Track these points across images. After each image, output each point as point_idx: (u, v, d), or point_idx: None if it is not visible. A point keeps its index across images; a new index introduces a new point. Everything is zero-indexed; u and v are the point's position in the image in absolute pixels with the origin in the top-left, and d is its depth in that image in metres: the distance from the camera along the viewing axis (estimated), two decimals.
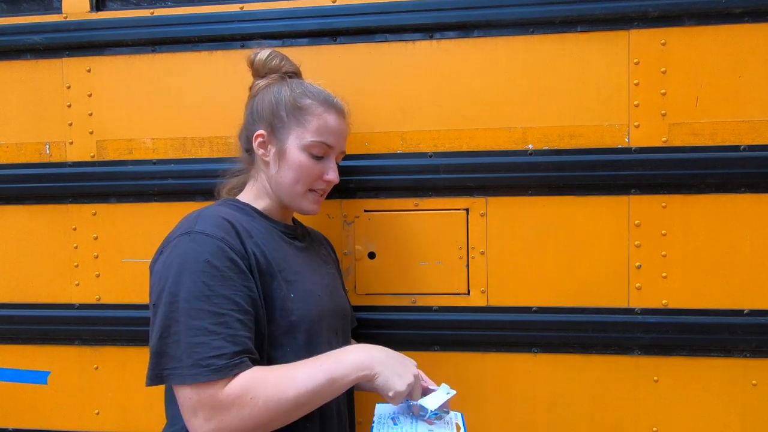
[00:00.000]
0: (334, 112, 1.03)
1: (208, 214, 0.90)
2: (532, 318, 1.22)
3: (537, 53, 1.21)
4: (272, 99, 1.02)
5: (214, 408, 0.78)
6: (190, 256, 0.83)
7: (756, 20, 1.15)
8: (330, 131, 1.01)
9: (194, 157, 1.30)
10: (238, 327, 0.81)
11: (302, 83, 1.06)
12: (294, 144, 0.99)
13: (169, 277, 0.82)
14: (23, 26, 1.34)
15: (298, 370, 0.84)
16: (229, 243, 0.86)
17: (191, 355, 0.78)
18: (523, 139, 1.22)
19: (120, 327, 1.31)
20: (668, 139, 1.18)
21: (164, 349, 0.80)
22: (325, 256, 1.14)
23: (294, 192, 1.01)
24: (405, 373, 0.88)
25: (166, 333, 0.81)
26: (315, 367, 0.84)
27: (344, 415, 1.05)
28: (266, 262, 0.91)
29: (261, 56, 1.07)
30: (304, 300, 0.94)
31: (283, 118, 1.00)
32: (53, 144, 1.35)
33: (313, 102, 1.01)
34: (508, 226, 1.23)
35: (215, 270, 0.82)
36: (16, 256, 1.37)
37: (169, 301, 0.81)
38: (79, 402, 1.36)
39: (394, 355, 0.91)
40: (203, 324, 0.79)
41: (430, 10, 1.22)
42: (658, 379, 1.20)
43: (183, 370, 0.78)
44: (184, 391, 0.79)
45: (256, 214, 1.01)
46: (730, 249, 1.17)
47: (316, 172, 1.01)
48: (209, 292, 0.81)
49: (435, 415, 0.92)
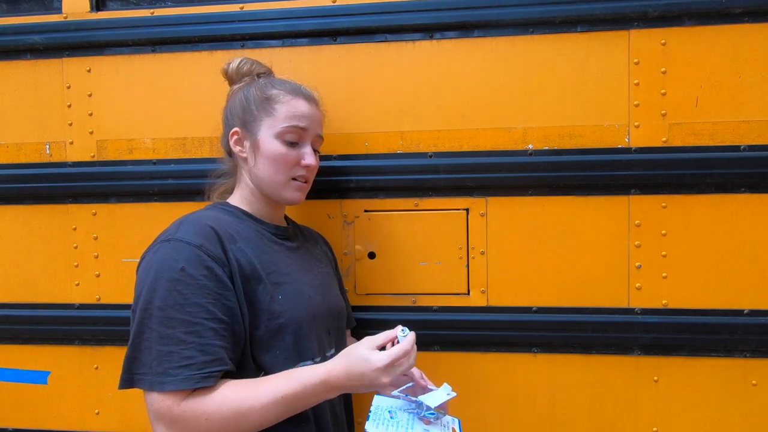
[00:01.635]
0: (302, 98, 1.03)
1: (192, 220, 0.91)
2: (532, 318, 1.22)
3: (537, 53, 1.21)
4: (242, 97, 1.04)
5: (172, 420, 0.79)
6: (167, 263, 0.84)
7: (756, 20, 1.15)
8: (300, 115, 1.01)
9: (194, 157, 1.30)
10: (210, 336, 0.82)
11: (271, 78, 1.08)
12: (266, 134, 1.00)
13: (145, 284, 0.84)
14: (23, 26, 1.34)
15: (258, 392, 0.82)
16: (208, 250, 0.86)
17: (161, 363, 0.79)
18: (523, 139, 1.22)
19: (120, 327, 1.31)
20: (668, 139, 1.18)
21: (136, 355, 0.82)
22: (319, 255, 1.14)
23: (274, 182, 1.01)
24: (373, 387, 0.86)
25: (139, 339, 0.82)
26: (277, 392, 0.83)
27: (341, 415, 1.05)
28: (251, 267, 0.91)
29: (233, 65, 1.10)
30: (292, 302, 0.94)
31: (253, 111, 1.02)
32: (53, 144, 1.35)
33: (280, 91, 1.02)
34: (508, 226, 1.23)
35: (190, 278, 0.83)
36: (16, 256, 1.37)
37: (144, 308, 0.83)
38: (79, 402, 1.36)
39: (354, 377, 0.85)
40: (175, 333, 0.81)
41: (430, 10, 1.22)
42: (658, 379, 1.20)
43: (152, 377, 0.80)
44: (150, 397, 0.81)
45: (245, 216, 1.02)
46: (730, 249, 1.17)
47: (292, 158, 1.01)
48: (183, 301, 0.82)
49: (432, 415, 0.92)
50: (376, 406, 0.93)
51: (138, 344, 0.82)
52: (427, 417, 0.92)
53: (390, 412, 0.92)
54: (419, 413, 0.92)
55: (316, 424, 0.94)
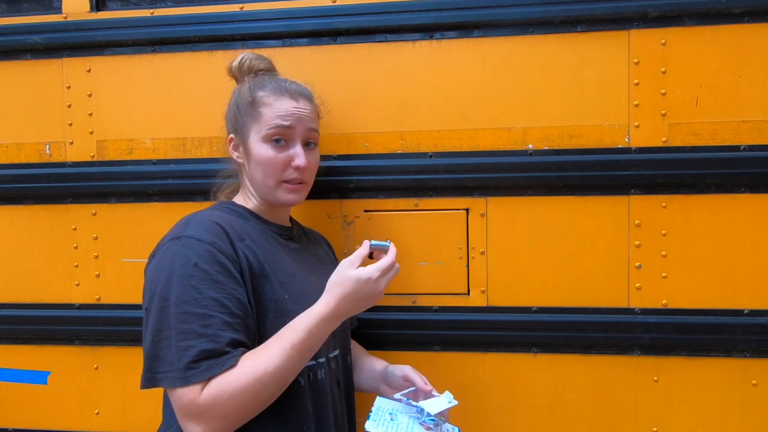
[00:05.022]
0: (287, 96, 1.01)
1: (199, 219, 0.91)
2: (532, 318, 1.22)
3: (537, 53, 1.21)
4: (233, 102, 1.05)
5: (199, 411, 0.79)
6: (180, 260, 0.84)
7: (756, 20, 1.15)
8: (284, 114, 1.00)
9: (194, 157, 1.30)
10: (225, 329, 0.82)
11: (261, 78, 1.07)
12: (255, 139, 1.00)
13: (159, 282, 0.84)
14: (23, 26, 1.34)
15: (269, 353, 0.83)
16: (219, 247, 0.86)
17: (182, 358, 0.79)
18: (523, 139, 1.22)
19: (120, 327, 1.31)
20: (668, 139, 1.18)
21: (157, 353, 0.82)
22: (322, 256, 1.14)
23: (266, 186, 1.01)
24: (369, 304, 0.92)
25: (158, 337, 0.82)
26: (286, 345, 0.84)
27: (342, 416, 1.05)
28: (259, 265, 0.91)
29: (235, 63, 1.09)
30: (297, 302, 0.94)
31: (242, 117, 1.02)
32: (53, 144, 1.35)
33: (265, 93, 1.01)
34: (508, 226, 1.23)
35: (204, 273, 0.83)
36: (16, 256, 1.37)
37: (160, 306, 0.83)
38: (79, 402, 1.36)
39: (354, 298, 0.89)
40: (192, 327, 0.81)
41: (430, 10, 1.22)
42: (658, 379, 1.20)
43: (174, 374, 0.80)
44: (174, 394, 0.81)
45: (250, 216, 1.02)
46: (730, 249, 1.17)
47: (281, 161, 0.99)
48: (198, 296, 0.82)
49: (432, 421, 0.92)
50: (378, 407, 0.94)
51: (158, 342, 0.82)
52: (427, 423, 0.92)
53: (391, 414, 0.92)
54: (419, 418, 0.92)
55: (317, 425, 0.94)
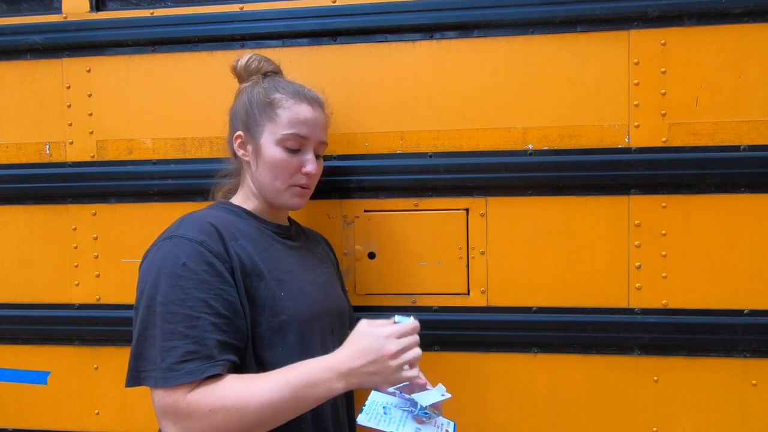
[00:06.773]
0: (306, 103, 1.02)
1: (193, 218, 0.92)
2: (532, 318, 1.22)
3: (537, 53, 1.21)
4: (246, 99, 1.04)
5: (177, 415, 0.79)
6: (169, 260, 0.84)
7: (756, 20, 1.15)
8: (302, 122, 1.01)
9: (194, 157, 1.30)
10: (211, 330, 0.82)
11: (276, 80, 1.07)
12: (268, 140, 1.00)
13: (148, 281, 0.84)
14: (23, 26, 1.34)
15: (262, 382, 0.81)
16: (209, 246, 0.86)
17: (165, 358, 0.79)
18: (523, 139, 1.22)
19: (120, 327, 1.31)
20: (668, 139, 1.18)
21: (141, 352, 0.82)
22: (321, 255, 1.14)
23: (274, 188, 1.01)
24: (380, 373, 0.83)
25: (143, 336, 0.82)
26: (281, 380, 0.81)
27: (342, 414, 1.05)
28: (252, 263, 0.91)
29: (241, 62, 1.09)
30: (295, 299, 0.94)
31: (256, 115, 1.01)
32: (53, 144, 1.35)
33: (283, 95, 1.02)
34: (508, 226, 1.23)
35: (192, 273, 0.83)
36: (16, 256, 1.37)
37: (147, 305, 0.83)
38: (79, 402, 1.36)
39: (362, 349, 0.83)
40: (177, 328, 0.81)
41: (430, 10, 1.22)
42: (658, 379, 1.20)
43: (156, 373, 0.80)
44: (156, 394, 0.81)
45: (247, 215, 1.02)
46: (730, 249, 1.17)
47: (293, 165, 1.00)
48: (184, 296, 0.82)
49: (426, 414, 0.92)
50: (372, 401, 0.94)
51: (142, 341, 0.82)
52: (420, 416, 0.92)
53: (384, 408, 0.92)
54: (413, 411, 0.92)
55: (314, 422, 0.94)
